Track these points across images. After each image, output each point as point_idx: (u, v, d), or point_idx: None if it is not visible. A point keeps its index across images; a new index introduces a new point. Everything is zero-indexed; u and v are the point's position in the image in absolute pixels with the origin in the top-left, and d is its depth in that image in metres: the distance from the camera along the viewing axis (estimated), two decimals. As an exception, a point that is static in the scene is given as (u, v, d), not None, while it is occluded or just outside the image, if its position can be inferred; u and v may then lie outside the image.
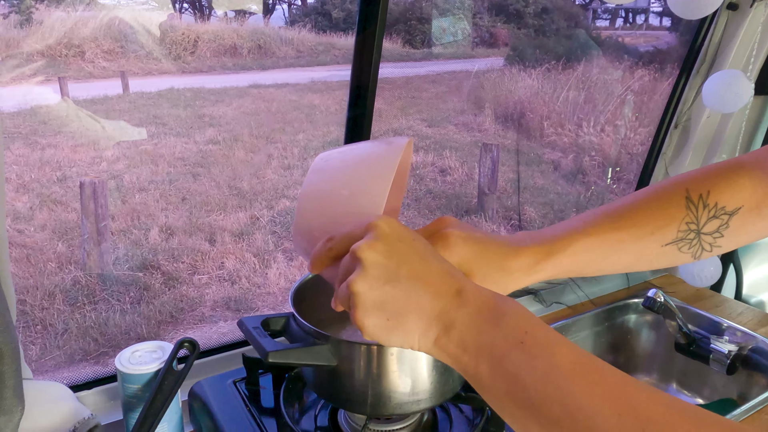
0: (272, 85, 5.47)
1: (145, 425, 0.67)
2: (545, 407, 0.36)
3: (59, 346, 2.67)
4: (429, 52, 6.00)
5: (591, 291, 1.30)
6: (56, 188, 3.70)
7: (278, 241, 3.51)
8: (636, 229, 0.55)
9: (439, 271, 0.44)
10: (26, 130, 4.22)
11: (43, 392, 0.79)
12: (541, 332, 0.39)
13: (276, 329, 0.70)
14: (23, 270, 3.09)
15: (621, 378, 0.37)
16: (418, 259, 0.44)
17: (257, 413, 0.77)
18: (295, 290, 0.74)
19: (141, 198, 3.74)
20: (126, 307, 2.90)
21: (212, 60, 5.57)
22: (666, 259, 0.57)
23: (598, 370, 0.37)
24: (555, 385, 0.36)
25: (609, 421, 0.34)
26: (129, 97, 4.95)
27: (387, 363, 0.65)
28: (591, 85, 4.94)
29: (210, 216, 3.66)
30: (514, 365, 0.38)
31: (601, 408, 0.35)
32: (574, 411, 0.35)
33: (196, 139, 4.53)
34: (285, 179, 4.16)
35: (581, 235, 0.55)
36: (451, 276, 0.44)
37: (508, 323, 0.40)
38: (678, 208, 0.55)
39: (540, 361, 0.38)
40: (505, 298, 0.43)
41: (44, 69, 4.37)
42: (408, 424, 0.74)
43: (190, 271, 3.26)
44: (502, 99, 5.25)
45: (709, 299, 1.32)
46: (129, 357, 0.75)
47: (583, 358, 0.38)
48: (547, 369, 0.37)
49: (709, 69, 1.28)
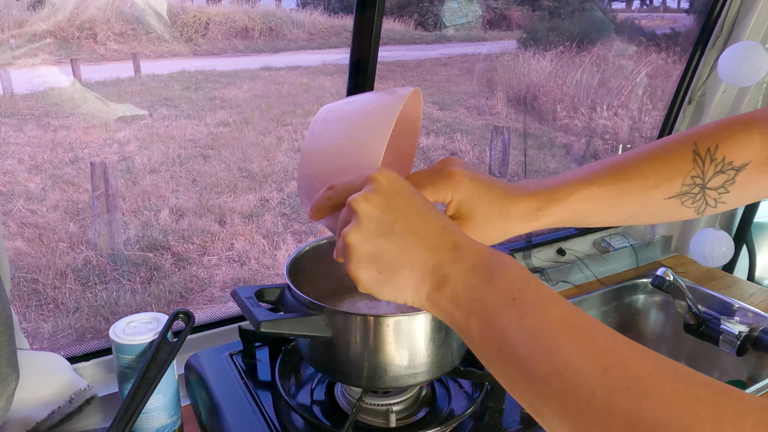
0: (283, 67, 5.45)
1: (138, 395, 0.66)
2: (533, 364, 0.36)
3: (71, 324, 2.70)
4: (441, 34, 5.93)
5: (599, 270, 1.28)
6: (68, 169, 3.73)
7: (288, 223, 3.51)
8: (640, 180, 0.54)
9: (436, 225, 0.43)
10: (39, 112, 4.25)
11: (40, 363, 0.78)
12: (533, 289, 0.39)
13: (270, 300, 0.69)
14: (35, 249, 3.13)
15: (611, 335, 0.36)
16: (415, 214, 0.43)
17: (253, 386, 0.76)
18: (291, 261, 0.73)
19: (152, 179, 3.76)
20: (136, 287, 2.92)
21: (223, 42, 5.55)
22: (668, 213, 0.56)
23: (586, 327, 0.36)
24: (543, 343, 0.36)
25: (594, 377, 0.33)
26: (140, 79, 4.96)
27: (383, 335, 0.63)
28: (606, 68, 4.86)
29: (220, 198, 3.67)
30: (504, 322, 0.38)
31: (586, 363, 0.34)
32: (561, 367, 0.35)
33: (206, 121, 4.54)
34: (295, 162, 4.15)
35: (585, 185, 0.54)
36: (447, 231, 0.43)
37: (501, 280, 0.40)
38: (684, 161, 0.54)
39: (530, 318, 0.37)
40: (501, 254, 0.42)
41: (57, 51, 4.38)
42: (406, 398, 0.73)
43: (200, 252, 3.28)
44: (514, 82, 5.19)
45: (721, 280, 1.29)
46: (124, 328, 0.74)
47: (573, 316, 0.37)
48: (536, 326, 0.37)
49: (725, 42, 1.24)
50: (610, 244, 1.32)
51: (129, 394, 0.67)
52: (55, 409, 0.75)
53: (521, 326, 0.37)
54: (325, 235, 0.79)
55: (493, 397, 0.73)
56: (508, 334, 0.38)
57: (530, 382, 0.36)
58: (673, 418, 0.30)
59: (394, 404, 0.71)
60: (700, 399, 0.30)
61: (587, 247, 1.33)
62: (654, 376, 0.32)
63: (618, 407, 0.32)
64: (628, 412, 0.31)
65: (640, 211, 0.56)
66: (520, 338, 0.37)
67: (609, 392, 0.32)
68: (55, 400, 0.76)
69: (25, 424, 0.74)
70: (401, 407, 0.72)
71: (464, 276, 0.41)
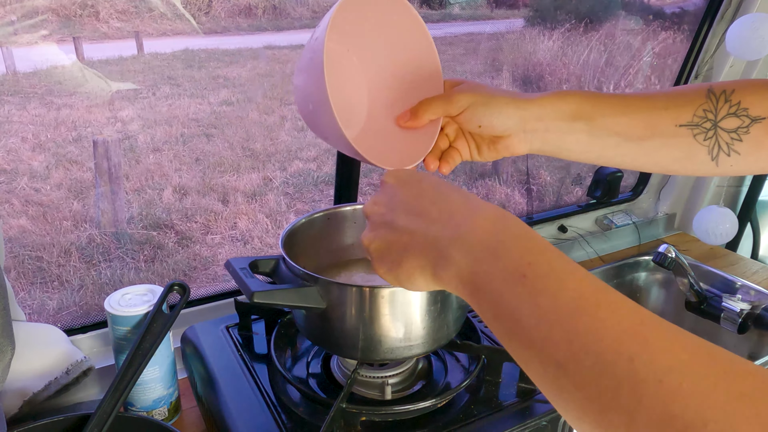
0: (287, 46, 5.40)
1: (132, 366, 0.66)
2: (549, 349, 0.32)
3: (76, 302, 2.72)
4: (447, 13, 5.85)
5: (600, 248, 1.27)
6: (72, 148, 3.74)
7: (291, 202, 3.51)
8: (650, 100, 0.55)
9: (439, 206, 0.42)
10: (42, 90, 4.24)
11: (36, 334, 0.78)
12: (546, 263, 0.35)
13: (265, 271, 0.68)
14: (40, 227, 3.14)
15: (639, 317, 0.31)
16: (417, 200, 0.44)
17: (249, 359, 0.76)
18: (287, 234, 0.72)
19: (155, 158, 3.76)
20: (140, 265, 2.94)
21: (227, 21, 5.51)
22: (680, 146, 0.55)
23: (608, 306, 0.32)
24: (559, 325, 0.32)
25: (619, 367, 0.29)
26: (143, 58, 4.93)
27: (378, 306, 0.63)
28: (613, 47, 4.79)
29: (223, 177, 3.67)
30: (514, 302, 0.34)
31: (608, 350, 0.30)
32: (580, 354, 0.31)
33: (210, 100, 4.53)
34: (298, 141, 4.14)
35: (597, 94, 0.56)
36: (450, 210, 0.41)
37: (509, 254, 0.36)
38: (697, 95, 0.54)
39: (543, 298, 0.33)
40: (508, 220, 0.39)
41: (59, 30, 4.35)
42: (401, 371, 0.72)
43: (203, 231, 3.29)
44: (520, 61, 5.13)
45: (724, 258, 1.28)
46: (119, 299, 0.74)
47: (593, 293, 0.33)
48: (550, 307, 0.33)
49: (734, 13, 1.21)
50: (612, 221, 1.31)
51: (123, 364, 0.66)
52: (52, 380, 0.75)
53: (534, 306, 0.33)
54: (321, 208, 0.78)
55: (490, 370, 0.72)
56: (519, 315, 0.34)
57: (546, 369, 0.32)
58: (714, 416, 0.26)
59: (389, 377, 0.71)
60: (744, 394, 0.26)
61: (589, 224, 1.32)
62: (690, 366, 0.28)
63: (648, 402, 0.27)
64: (660, 409, 0.27)
65: (649, 132, 0.54)
66: (533, 321, 0.33)
67: (636, 385, 0.28)
68: (51, 371, 0.76)
69: (22, 395, 0.74)
70: (397, 380, 0.71)
71: (468, 252, 0.38)
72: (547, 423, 0.67)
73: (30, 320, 0.80)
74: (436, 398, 0.67)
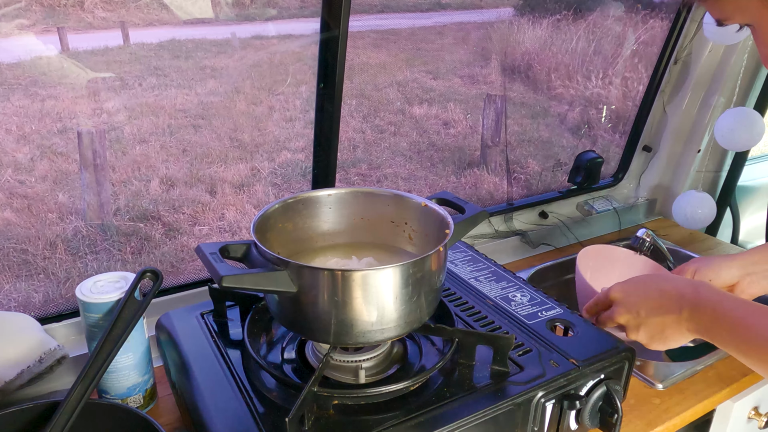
0: (275, 36, 5.36)
1: (103, 352, 0.66)
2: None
3: (62, 294, 2.70)
4: (437, 2, 5.83)
5: (581, 233, 1.27)
6: (57, 139, 3.70)
7: (279, 193, 3.50)
8: None
9: (661, 294, 0.76)
10: (26, 81, 4.19)
11: (9, 323, 0.78)
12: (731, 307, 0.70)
13: (236, 256, 0.68)
14: (24, 220, 3.11)
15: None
16: (645, 295, 0.78)
17: (223, 345, 0.76)
18: (259, 218, 0.72)
19: (141, 149, 3.73)
20: (127, 257, 2.92)
21: (215, 9, 5.45)
22: None
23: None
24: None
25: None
26: (129, 48, 4.87)
27: (350, 289, 0.63)
28: (601, 36, 4.79)
29: (211, 167, 3.65)
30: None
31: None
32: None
33: (197, 90, 4.50)
34: (287, 131, 4.12)
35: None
36: (670, 294, 0.75)
37: (714, 309, 0.70)
38: None
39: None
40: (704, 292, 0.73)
41: (43, 20, 4.29)
42: (376, 355, 0.72)
43: (191, 222, 3.27)
44: (509, 51, 5.12)
45: (703, 242, 1.28)
46: (91, 286, 0.73)
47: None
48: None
49: (712, -1, 1.21)
50: (593, 207, 1.31)
51: (94, 351, 0.66)
52: (24, 369, 0.75)
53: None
54: (293, 194, 0.78)
55: (463, 353, 0.73)
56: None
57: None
58: None
59: (363, 361, 0.71)
60: None
61: (570, 210, 1.32)
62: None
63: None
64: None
65: None
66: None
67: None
68: (24, 359, 0.76)
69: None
70: (371, 364, 0.71)
71: (694, 313, 0.72)
72: (520, 404, 0.67)
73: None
74: (409, 381, 0.67)
